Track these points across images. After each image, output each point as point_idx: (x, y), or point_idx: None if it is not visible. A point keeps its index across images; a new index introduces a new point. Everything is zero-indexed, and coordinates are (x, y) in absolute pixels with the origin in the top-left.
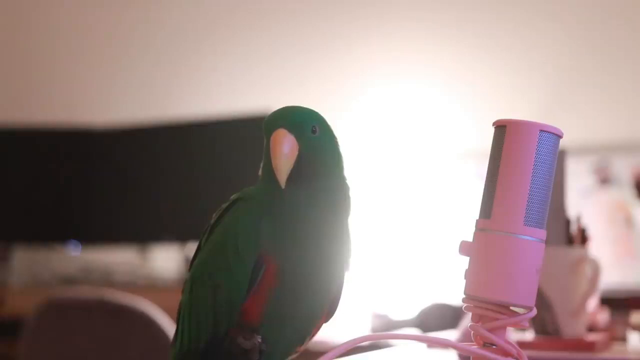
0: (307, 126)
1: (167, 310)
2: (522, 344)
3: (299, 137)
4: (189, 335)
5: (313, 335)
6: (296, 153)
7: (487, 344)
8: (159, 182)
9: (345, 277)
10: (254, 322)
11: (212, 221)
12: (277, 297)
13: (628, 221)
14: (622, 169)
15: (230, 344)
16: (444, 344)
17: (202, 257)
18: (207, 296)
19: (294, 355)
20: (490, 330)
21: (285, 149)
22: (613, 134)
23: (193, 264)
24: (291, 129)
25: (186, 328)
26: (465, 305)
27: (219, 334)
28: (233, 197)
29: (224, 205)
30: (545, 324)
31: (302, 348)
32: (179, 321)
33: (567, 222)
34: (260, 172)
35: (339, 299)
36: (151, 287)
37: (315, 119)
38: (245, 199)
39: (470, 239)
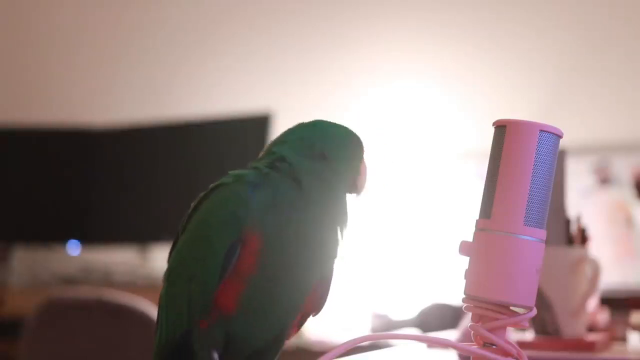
0: None
1: None
2: (522, 344)
3: None
4: (167, 326)
5: (294, 329)
6: None
7: (487, 344)
8: (159, 182)
9: (333, 268)
10: (229, 312)
11: (190, 210)
12: (255, 285)
13: (628, 221)
14: (622, 169)
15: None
16: (444, 344)
17: (178, 247)
18: (183, 286)
19: (278, 353)
20: (490, 330)
21: None
22: (613, 134)
23: (171, 255)
24: None
25: (164, 319)
26: (465, 305)
27: (193, 325)
28: (211, 185)
29: (202, 194)
30: (545, 324)
31: (283, 344)
32: (159, 313)
33: (567, 222)
34: (261, 154)
35: (327, 292)
36: (151, 287)
37: None
38: (225, 184)
39: (470, 239)
